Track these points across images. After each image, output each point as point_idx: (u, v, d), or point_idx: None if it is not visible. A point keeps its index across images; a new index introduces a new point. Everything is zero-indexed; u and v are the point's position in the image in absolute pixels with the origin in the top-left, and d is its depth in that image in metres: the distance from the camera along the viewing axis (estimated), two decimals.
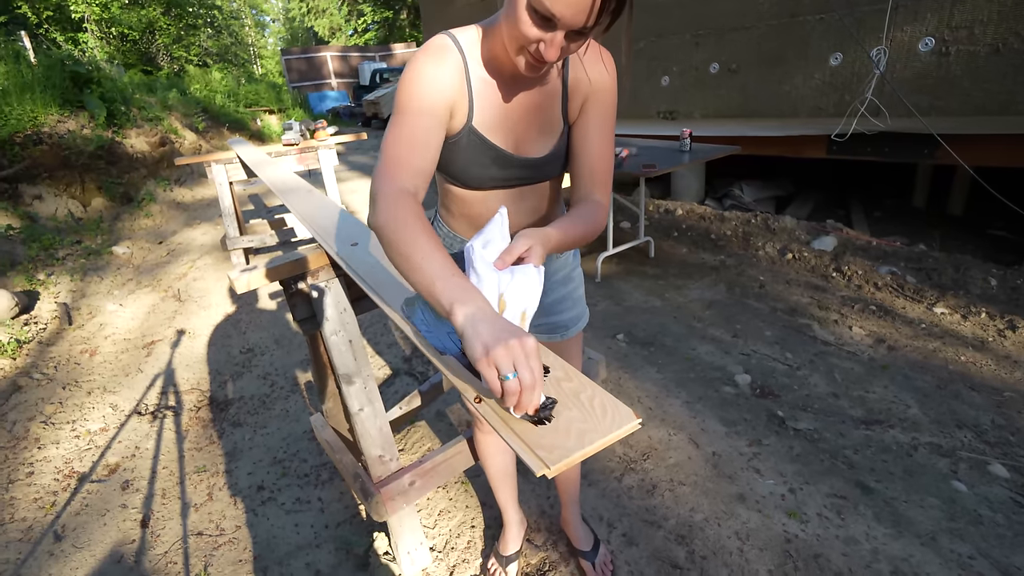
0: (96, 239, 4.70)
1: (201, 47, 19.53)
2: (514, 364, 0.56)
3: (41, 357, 2.91)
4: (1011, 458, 1.76)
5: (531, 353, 0.57)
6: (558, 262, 1.12)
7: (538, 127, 0.91)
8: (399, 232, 0.70)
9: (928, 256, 3.19)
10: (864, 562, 1.45)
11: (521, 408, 0.58)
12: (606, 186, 0.95)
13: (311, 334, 1.52)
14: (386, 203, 0.74)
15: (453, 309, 0.62)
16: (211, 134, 8.59)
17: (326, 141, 4.11)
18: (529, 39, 0.72)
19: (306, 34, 32.95)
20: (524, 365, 0.56)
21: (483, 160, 0.90)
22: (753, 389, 2.22)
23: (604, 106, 0.91)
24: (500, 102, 0.88)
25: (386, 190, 0.75)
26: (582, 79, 0.89)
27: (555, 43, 0.71)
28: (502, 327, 0.59)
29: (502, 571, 1.46)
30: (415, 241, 0.69)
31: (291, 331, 3.04)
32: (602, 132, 0.92)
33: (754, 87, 4.20)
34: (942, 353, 2.37)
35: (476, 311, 0.61)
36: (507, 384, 0.56)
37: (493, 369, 0.56)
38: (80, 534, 1.76)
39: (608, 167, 0.95)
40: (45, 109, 5.23)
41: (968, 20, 2.95)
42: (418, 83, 0.81)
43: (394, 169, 0.78)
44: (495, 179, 0.93)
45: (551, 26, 0.69)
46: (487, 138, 0.88)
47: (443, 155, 0.92)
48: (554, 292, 1.13)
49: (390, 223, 0.72)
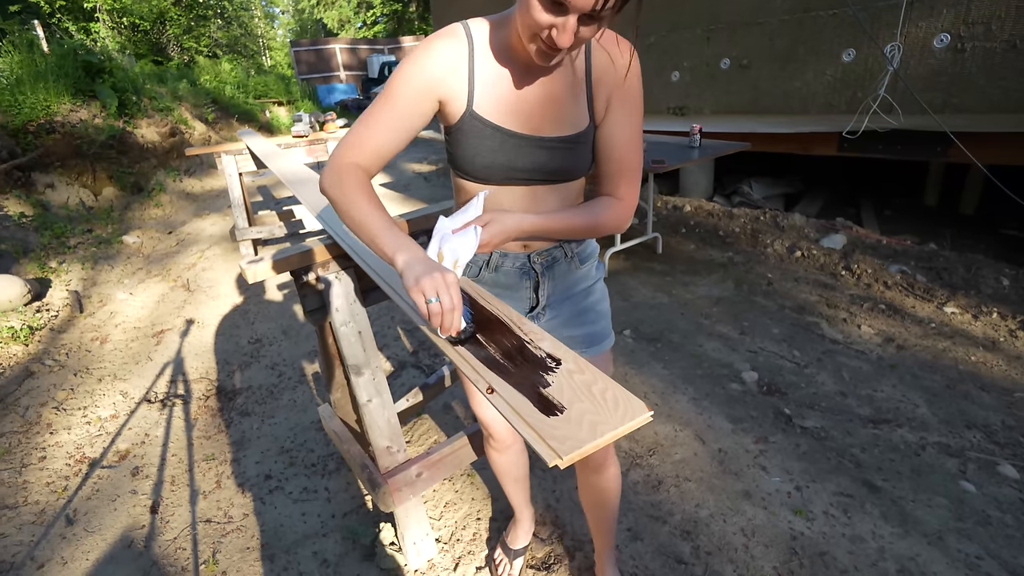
0: (107, 228, 4.74)
1: (211, 38, 19.56)
2: (436, 291, 0.69)
3: (53, 344, 2.95)
4: (1021, 459, 1.75)
5: (451, 284, 0.70)
6: (578, 273, 1.03)
7: (554, 112, 0.87)
8: (345, 195, 0.82)
9: (939, 255, 3.16)
10: (870, 560, 1.44)
11: (445, 329, 0.71)
12: (632, 183, 0.92)
13: (320, 325, 1.53)
14: (335, 172, 0.84)
15: (395, 256, 0.75)
16: (220, 125, 8.62)
17: (335, 133, 4.12)
18: (541, 25, 0.71)
19: (315, 26, 32.93)
20: (445, 292, 0.69)
21: (488, 144, 0.87)
22: (760, 386, 2.21)
23: (630, 99, 0.88)
24: (512, 90, 0.86)
25: (338, 162, 0.85)
26: (607, 73, 0.86)
27: (567, 28, 0.70)
28: (430, 265, 0.72)
29: (508, 564, 1.47)
30: (358, 203, 0.81)
31: (299, 322, 3.06)
32: (629, 126, 0.89)
33: (765, 83, 4.16)
34: (952, 353, 2.35)
35: (411, 256, 0.74)
36: (431, 306, 0.69)
37: (420, 295, 0.69)
38: (91, 518, 1.79)
39: (635, 162, 0.91)
40: (58, 98, 5.26)
41: (985, 16, 2.90)
42: (408, 69, 0.85)
43: (352, 145, 0.86)
44: (504, 167, 0.89)
45: (562, 10, 0.68)
46: (490, 120, 0.86)
47: (450, 145, 0.91)
48: (574, 304, 1.05)
49: (336, 187, 0.83)
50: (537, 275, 1.00)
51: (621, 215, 0.93)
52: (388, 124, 0.86)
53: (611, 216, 0.93)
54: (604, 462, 1.16)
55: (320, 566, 1.54)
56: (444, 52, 0.84)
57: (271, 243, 4.39)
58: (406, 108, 0.85)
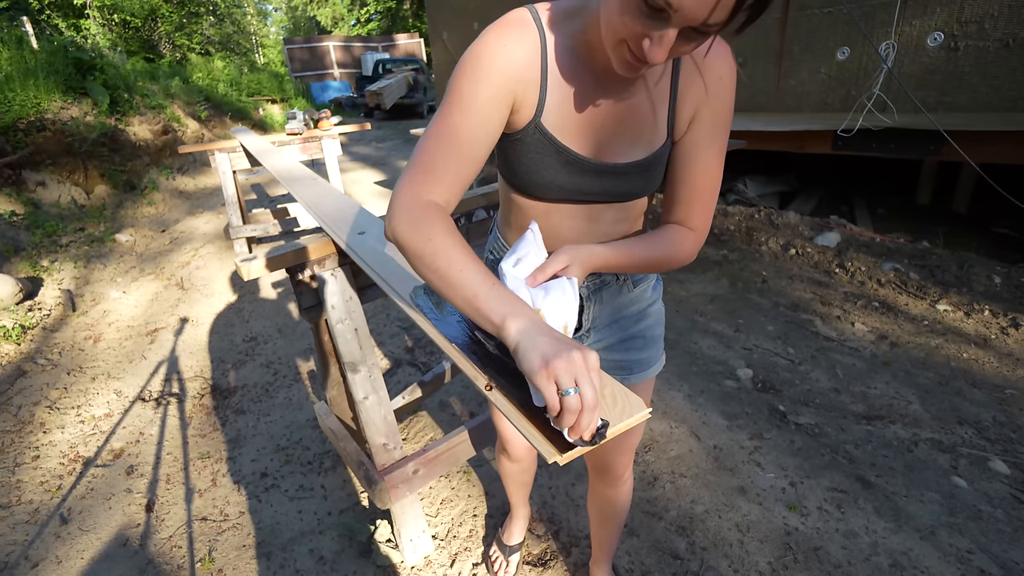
0: (99, 226, 4.70)
1: (203, 35, 19.43)
2: (575, 380, 0.50)
3: (45, 343, 2.93)
4: (1012, 455, 1.77)
5: (593, 368, 0.52)
6: (631, 294, 0.92)
7: (630, 134, 0.74)
8: (427, 245, 0.64)
9: (932, 253, 3.19)
10: (863, 555, 1.46)
11: (578, 430, 0.52)
12: (708, 211, 0.79)
13: (315, 322, 1.52)
14: (408, 214, 0.66)
15: (504, 323, 0.57)
16: (214, 123, 8.57)
17: (330, 131, 4.10)
18: (632, 32, 0.57)
19: (308, 23, 32.75)
20: (586, 380, 0.51)
21: (551, 164, 0.75)
22: (755, 383, 2.22)
23: (720, 117, 0.74)
24: (584, 102, 0.72)
25: (410, 202, 0.67)
26: (696, 83, 0.72)
27: (664, 41, 0.56)
28: (561, 339, 0.54)
29: (504, 560, 1.47)
30: (447, 254, 0.62)
31: (294, 320, 3.05)
32: (715, 148, 0.76)
33: (760, 81, 4.17)
34: (944, 350, 2.37)
35: (530, 323, 0.56)
36: (567, 400, 0.50)
37: (552, 384, 0.51)
38: (86, 517, 1.78)
39: (715, 191, 0.78)
40: (48, 95, 5.21)
41: (978, 15, 2.92)
42: (480, 68, 0.68)
43: (424, 176, 0.68)
44: (564, 189, 0.77)
45: (663, 19, 0.54)
46: (556, 138, 0.73)
47: (505, 154, 0.78)
48: (622, 330, 0.94)
49: (412, 235, 0.65)
50: (583, 299, 0.89)
51: (693, 249, 0.80)
52: (467, 141, 0.68)
53: (684, 250, 0.80)
54: (621, 475, 1.12)
55: (317, 563, 1.54)
56: (519, 45, 0.69)
57: (265, 241, 4.37)
58: (486, 116, 0.68)
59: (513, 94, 0.70)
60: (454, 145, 0.68)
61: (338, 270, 1.34)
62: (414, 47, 20.73)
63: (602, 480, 1.15)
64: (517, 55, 0.69)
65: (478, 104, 0.68)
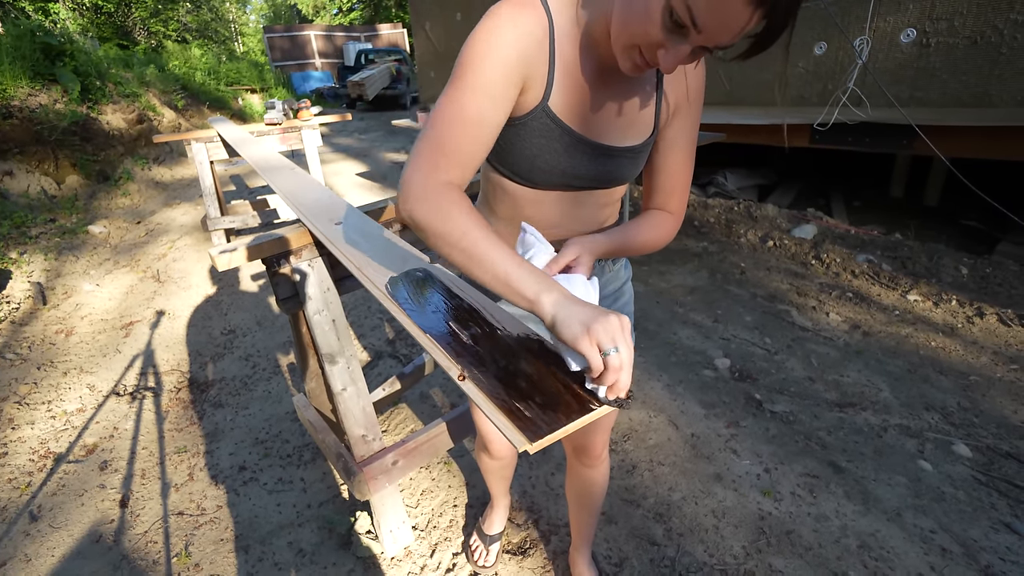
0: (71, 217, 4.58)
1: (180, 22, 18.92)
2: (614, 341, 0.55)
3: (14, 337, 2.85)
4: (974, 438, 1.83)
5: (628, 330, 0.56)
6: (608, 274, 0.99)
7: (625, 121, 0.80)
8: (448, 224, 0.64)
9: (903, 245, 3.27)
10: (833, 537, 1.50)
11: (616, 389, 0.57)
12: (683, 199, 0.89)
13: (293, 313, 1.51)
14: (425, 194, 0.66)
15: (539, 298, 0.60)
16: (191, 112, 8.37)
17: (310, 121, 4.04)
18: (650, 41, 0.60)
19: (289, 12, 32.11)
20: (623, 341, 0.55)
21: (555, 147, 0.76)
22: (732, 373, 2.26)
23: (694, 110, 0.83)
24: (590, 88, 0.75)
25: (424, 182, 0.67)
26: (679, 83, 0.80)
27: (679, 54, 0.60)
28: (594, 308, 0.58)
29: (485, 550, 1.48)
30: (472, 233, 0.64)
31: (273, 313, 3.01)
32: (690, 141, 0.85)
33: (739, 75, 4.21)
34: (914, 339, 2.44)
35: (563, 296, 0.59)
36: (610, 359, 0.55)
37: (595, 347, 0.55)
38: (57, 514, 1.75)
39: (688, 179, 0.87)
40: (15, 81, 5.03)
41: (948, 12, 2.99)
42: (489, 47, 0.67)
43: (437, 157, 0.68)
44: (564, 174, 0.80)
45: (682, 35, 0.58)
46: (563, 120, 0.75)
47: (504, 140, 0.78)
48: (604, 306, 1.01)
49: (433, 215, 0.65)
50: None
51: (671, 232, 0.89)
52: (479, 121, 0.68)
53: (665, 232, 0.89)
54: (599, 453, 1.15)
55: (296, 556, 1.54)
56: (529, 25, 0.69)
57: (245, 233, 4.30)
58: (498, 95, 0.68)
59: (524, 74, 0.70)
60: (467, 125, 0.68)
61: (315, 261, 1.32)
62: (397, 37, 20.47)
63: (580, 461, 1.18)
64: (528, 33, 0.69)
65: (490, 83, 0.67)
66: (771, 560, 1.44)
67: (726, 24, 0.55)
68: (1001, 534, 1.49)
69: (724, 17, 0.55)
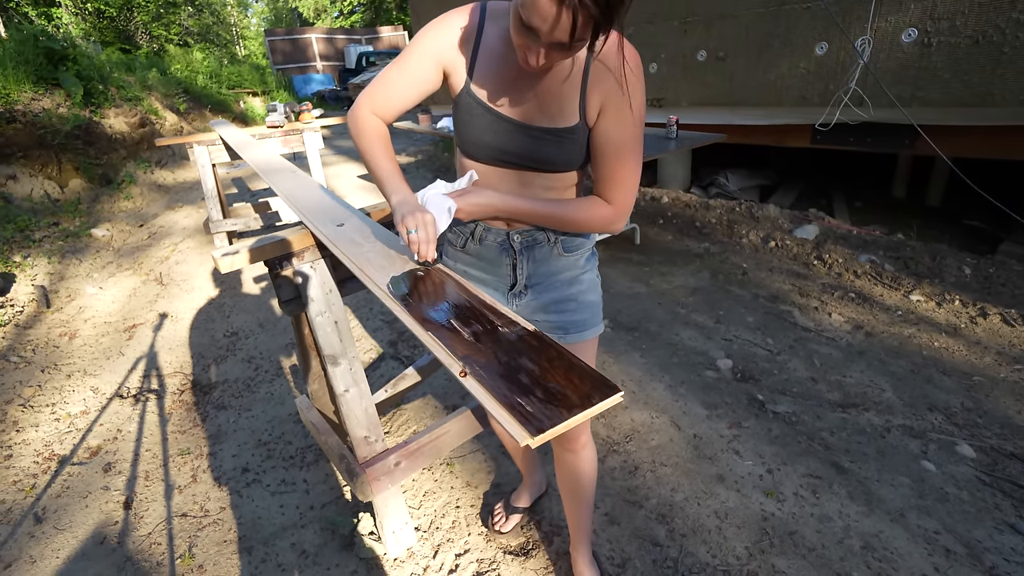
0: (74, 221, 4.60)
1: (181, 26, 19.00)
2: (416, 225, 0.86)
3: (18, 340, 2.86)
4: (977, 439, 1.83)
5: (429, 223, 0.87)
6: (564, 261, 1.05)
7: (545, 105, 0.90)
8: (363, 139, 1.00)
9: (906, 245, 3.26)
10: (836, 538, 1.50)
11: (421, 255, 0.88)
12: (621, 188, 0.92)
13: (296, 315, 1.51)
14: (355, 120, 1.01)
15: (391, 196, 0.93)
16: (193, 115, 8.40)
17: (311, 124, 4.05)
18: (518, 43, 0.76)
19: (290, 15, 32.21)
20: (423, 227, 0.86)
21: (480, 123, 0.93)
22: (734, 373, 2.26)
23: (625, 108, 0.87)
24: (509, 75, 0.90)
25: (358, 110, 1.01)
26: (604, 79, 0.86)
27: (537, 53, 0.75)
28: (416, 206, 0.89)
29: (505, 517, 1.59)
30: (372, 149, 0.99)
31: (275, 315, 3.02)
32: (621, 132, 0.89)
33: (741, 75, 4.21)
34: (917, 339, 2.44)
35: (403, 198, 0.92)
36: (411, 236, 0.86)
37: (403, 227, 0.86)
38: (61, 516, 1.75)
39: (627, 169, 0.91)
40: (18, 86, 5.06)
41: (950, 11, 2.98)
42: (422, 35, 0.95)
43: (371, 95, 1.00)
44: (492, 147, 0.93)
45: (534, 36, 0.72)
46: (483, 100, 0.92)
47: (453, 118, 1.00)
48: (555, 291, 1.07)
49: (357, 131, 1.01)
50: (515, 253, 1.03)
51: (608, 218, 0.94)
52: (399, 80, 0.97)
53: (597, 216, 0.95)
54: (579, 439, 1.19)
55: (299, 557, 1.54)
56: (455, 25, 0.92)
57: (247, 235, 4.31)
58: (415, 68, 0.95)
59: (443, 60, 0.94)
60: (394, 79, 0.97)
61: (318, 262, 1.33)
62: (398, 40, 20.52)
63: (563, 447, 1.22)
64: (451, 31, 0.93)
65: (413, 59, 0.95)
66: (774, 561, 1.44)
67: (546, 21, 0.68)
68: (1005, 535, 1.48)
69: (541, 16, 0.67)
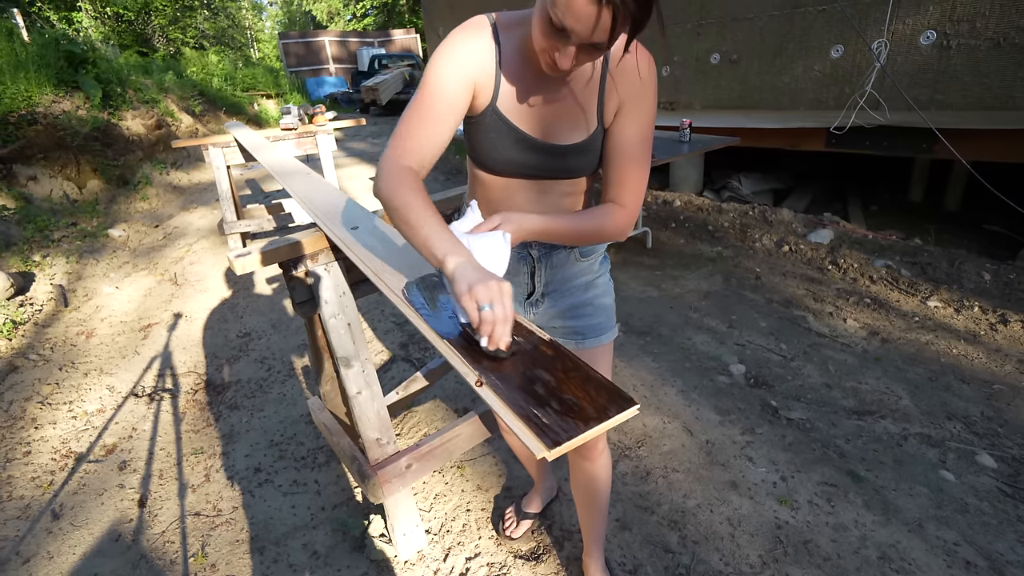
0: (92, 221, 4.67)
1: (197, 29, 19.27)
2: (491, 300, 0.65)
3: (37, 338, 2.91)
4: (998, 449, 1.79)
5: (506, 294, 0.67)
6: (579, 266, 1.06)
7: (568, 118, 0.89)
8: (397, 199, 0.79)
9: (923, 250, 3.21)
10: (852, 548, 1.47)
11: (494, 340, 0.67)
12: (635, 190, 0.92)
13: (309, 317, 1.52)
14: (389, 175, 0.82)
15: (445, 259, 0.71)
16: (208, 117, 8.50)
17: (325, 126, 4.08)
18: (545, 46, 0.73)
19: (304, 18, 32.52)
20: (499, 302, 0.66)
21: (505, 142, 0.90)
22: (747, 379, 2.24)
23: (640, 107, 0.88)
24: (531, 92, 0.87)
25: (390, 165, 0.83)
26: (620, 82, 0.87)
27: (567, 54, 0.72)
28: (484, 272, 0.69)
29: (516, 522, 1.58)
30: (413, 206, 0.78)
31: (288, 316, 3.04)
32: (636, 133, 0.89)
33: (755, 78, 4.18)
34: (934, 346, 2.40)
35: (464, 260, 0.71)
36: (484, 313, 0.65)
37: (473, 302, 0.66)
38: (78, 513, 1.78)
39: (639, 170, 0.91)
40: (39, 89, 5.16)
41: (970, 13, 2.94)
42: (442, 62, 0.84)
43: (400, 145, 0.85)
44: (516, 164, 0.92)
45: (565, 37, 0.70)
46: (509, 120, 0.88)
47: (470, 136, 0.94)
48: (572, 296, 1.08)
49: (391, 191, 0.80)
50: (533, 261, 1.03)
51: (623, 222, 0.94)
52: (435, 116, 0.84)
53: (613, 223, 0.93)
54: (596, 447, 1.18)
55: (310, 558, 1.55)
56: (475, 41, 0.85)
57: (260, 236, 4.35)
58: (447, 98, 0.84)
59: (473, 80, 0.85)
60: (425, 120, 0.84)
61: (331, 265, 1.34)
62: (410, 42, 20.62)
63: (580, 455, 1.21)
64: (474, 48, 0.85)
65: (445, 86, 0.84)
66: (788, 570, 1.42)
67: (581, 22, 0.65)
68: None
69: (577, 16, 0.65)
